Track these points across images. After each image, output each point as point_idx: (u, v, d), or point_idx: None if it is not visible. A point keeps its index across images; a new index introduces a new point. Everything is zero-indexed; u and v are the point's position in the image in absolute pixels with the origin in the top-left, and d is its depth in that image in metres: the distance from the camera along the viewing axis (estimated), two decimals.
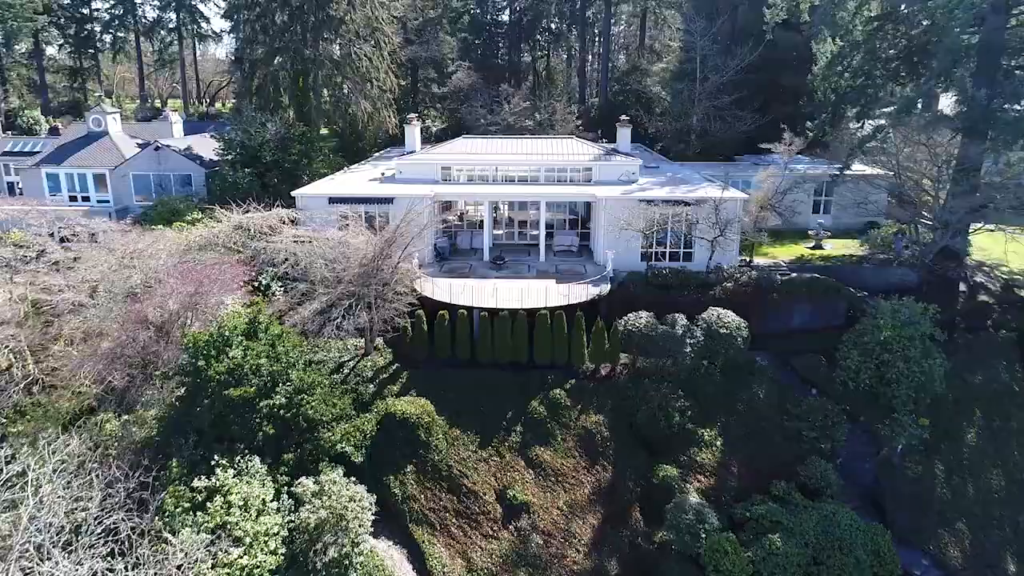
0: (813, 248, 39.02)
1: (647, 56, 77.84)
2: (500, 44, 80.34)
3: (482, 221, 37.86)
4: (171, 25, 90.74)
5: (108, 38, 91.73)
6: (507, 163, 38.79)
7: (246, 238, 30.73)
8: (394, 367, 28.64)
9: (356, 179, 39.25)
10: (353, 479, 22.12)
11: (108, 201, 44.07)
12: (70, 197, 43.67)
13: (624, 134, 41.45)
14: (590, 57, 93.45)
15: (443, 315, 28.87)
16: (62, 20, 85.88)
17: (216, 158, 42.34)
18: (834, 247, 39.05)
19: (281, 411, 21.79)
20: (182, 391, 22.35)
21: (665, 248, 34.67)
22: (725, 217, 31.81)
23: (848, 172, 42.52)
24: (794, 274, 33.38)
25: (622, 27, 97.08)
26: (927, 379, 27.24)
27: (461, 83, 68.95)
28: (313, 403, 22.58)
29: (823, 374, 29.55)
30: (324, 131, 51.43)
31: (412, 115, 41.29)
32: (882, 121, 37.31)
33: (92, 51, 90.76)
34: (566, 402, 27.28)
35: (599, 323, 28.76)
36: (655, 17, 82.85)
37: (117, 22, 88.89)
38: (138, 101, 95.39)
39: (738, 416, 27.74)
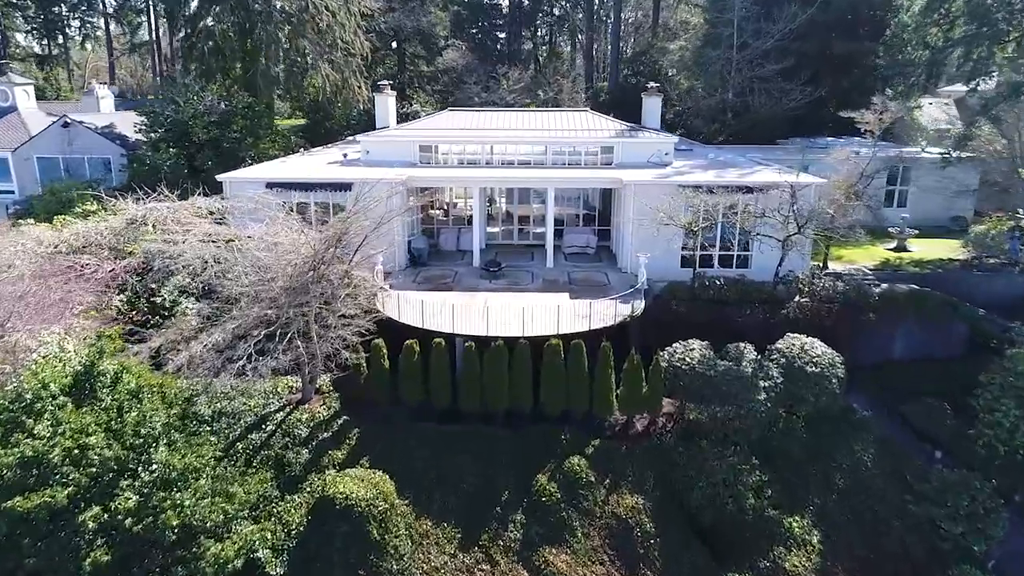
0: (895, 250, 30.43)
1: (662, 35, 69.48)
2: (498, 25, 71.64)
3: (472, 216, 29.25)
4: (140, 5, 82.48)
5: (76, 23, 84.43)
6: (505, 141, 30.20)
7: (139, 236, 22.12)
8: (341, 420, 20.03)
9: (313, 162, 30.62)
10: None
11: (12, 191, 35.51)
12: None
13: (652, 106, 32.73)
14: (597, 38, 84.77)
15: (412, 345, 20.28)
16: (28, 1, 77.83)
17: (141, 138, 33.71)
18: (921, 248, 30.48)
19: (129, 521, 13.12)
20: None
21: (714, 250, 26.06)
22: (806, 209, 23.15)
23: (926, 155, 34.10)
24: (884, 285, 24.82)
25: (632, 5, 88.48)
26: None
27: (455, 63, 60.51)
28: (188, 503, 13.89)
29: (950, 429, 20.92)
30: (290, 116, 42.77)
31: (385, 82, 32.63)
32: (991, 84, 28.74)
33: (60, 37, 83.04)
34: (588, 475, 18.65)
35: (633, 357, 20.17)
36: None
37: (85, 5, 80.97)
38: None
39: (839, 495, 19.10)
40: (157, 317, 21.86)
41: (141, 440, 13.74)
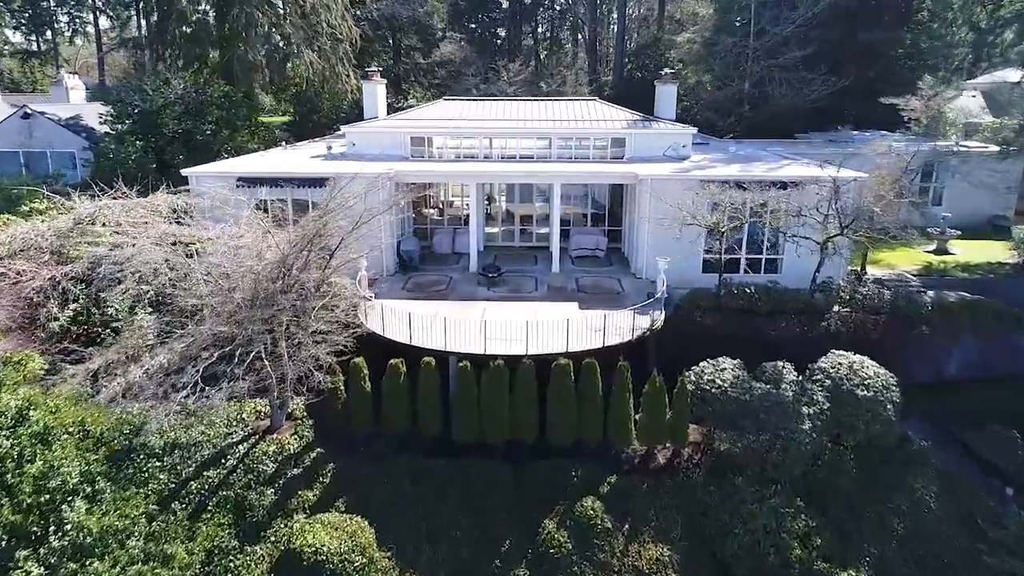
0: (936, 252, 27.57)
1: (669, 27, 66.66)
2: (497, 20, 68.63)
3: (468, 215, 26.34)
4: None
5: (65, 18, 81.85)
6: (505, 133, 27.32)
7: (87, 238, 19.26)
8: (314, 454, 17.17)
9: (294, 156, 27.71)
10: None
11: None
12: None
13: (667, 95, 29.78)
14: (601, 32, 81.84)
15: (397, 365, 17.41)
16: None
17: (108, 130, 30.83)
18: (963, 250, 27.63)
19: None
20: None
21: (740, 253, 23.21)
22: (850, 206, 20.27)
23: (972, 148, 31.21)
24: (931, 293, 21.96)
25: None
26: None
27: (453, 56, 57.62)
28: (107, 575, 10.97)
29: (1022, 461, 18.05)
30: (275, 111, 39.79)
31: (373, 68, 29.75)
32: None
33: (48, 32, 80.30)
34: (603, 520, 15.78)
35: (655, 379, 17.32)
36: None
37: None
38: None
39: (899, 542, 16.22)
40: (108, 332, 18.98)
41: (48, 496, 10.87)
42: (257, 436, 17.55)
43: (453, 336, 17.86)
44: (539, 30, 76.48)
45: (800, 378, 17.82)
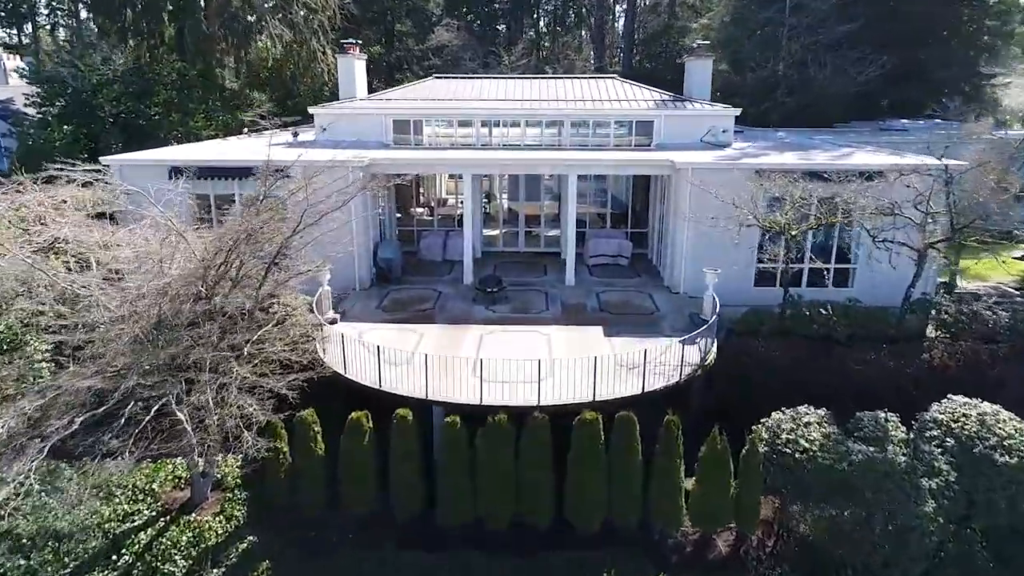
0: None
1: (682, 13, 62.02)
2: (497, 11, 63.87)
3: (462, 214, 21.52)
4: None
5: (46, 11, 77.55)
6: (507, 115, 22.64)
7: None
8: (244, 545, 12.40)
9: (255, 144, 22.97)
10: None
11: None
12: None
13: (700, 72, 24.83)
14: (608, 20, 77.04)
15: (359, 420, 12.64)
16: None
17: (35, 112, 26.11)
18: None
19: None
20: None
21: (803, 262, 18.46)
22: (962, 203, 15.48)
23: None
24: None
25: None
26: None
27: (450, 43, 53.00)
28: None
29: None
30: (250, 103, 34.81)
31: (351, 41, 24.97)
32: None
33: (30, 25, 75.90)
34: None
35: (717, 437, 12.54)
36: None
37: None
38: None
39: None
40: None
41: None
42: (171, 515, 12.80)
43: (438, 378, 13.11)
44: (541, 23, 71.89)
45: (911, 435, 13.09)
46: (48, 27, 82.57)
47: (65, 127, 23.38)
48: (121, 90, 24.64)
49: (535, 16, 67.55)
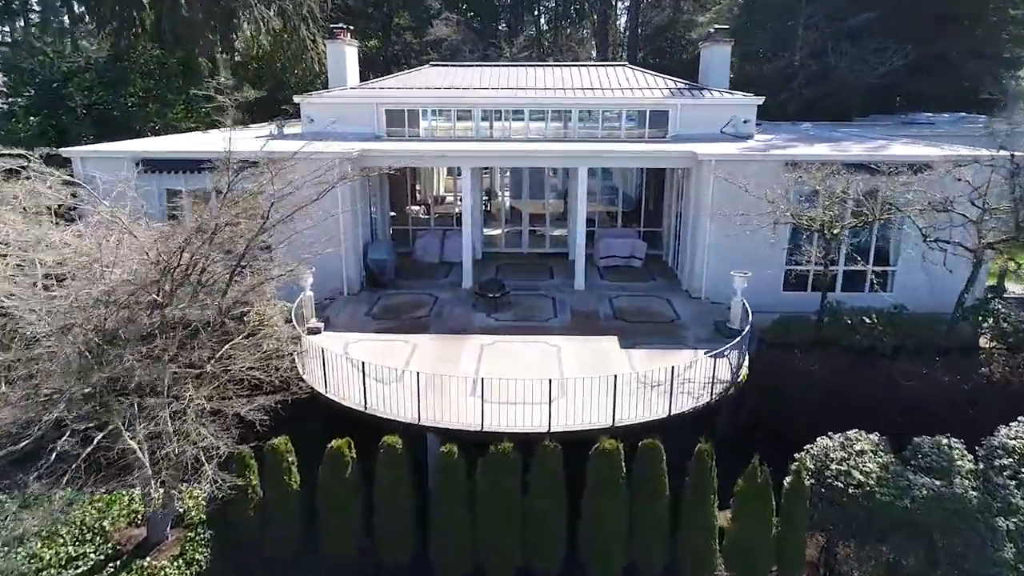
0: None
1: (687, 7, 60.34)
2: (497, 7, 62.12)
3: (461, 212, 19.66)
4: None
5: (38, 8, 75.99)
6: (508, 105, 20.89)
7: None
8: None
9: (236, 137, 21.12)
10: None
11: None
12: None
13: (718, 59, 22.87)
14: (611, 16, 75.25)
15: (339, 449, 10.84)
16: None
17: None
18: None
19: None
20: None
21: (837, 264, 16.67)
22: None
23: None
24: None
25: None
26: None
27: (450, 38, 51.35)
28: None
29: None
30: (232, 101, 33.05)
31: (340, 26, 23.19)
32: None
33: (21, 20, 74.23)
34: None
35: (758, 469, 10.75)
36: None
37: None
38: None
39: None
40: None
41: None
42: (122, 558, 11.02)
43: (432, 398, 11.33)
44: (541, 20, 70.12)
45: (979, 465, 11.32)
46: (39, 22, 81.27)
47: (32, 118, 21.64)
48: (94, 79, 22.91)
49: (536, 13, 65.89)
